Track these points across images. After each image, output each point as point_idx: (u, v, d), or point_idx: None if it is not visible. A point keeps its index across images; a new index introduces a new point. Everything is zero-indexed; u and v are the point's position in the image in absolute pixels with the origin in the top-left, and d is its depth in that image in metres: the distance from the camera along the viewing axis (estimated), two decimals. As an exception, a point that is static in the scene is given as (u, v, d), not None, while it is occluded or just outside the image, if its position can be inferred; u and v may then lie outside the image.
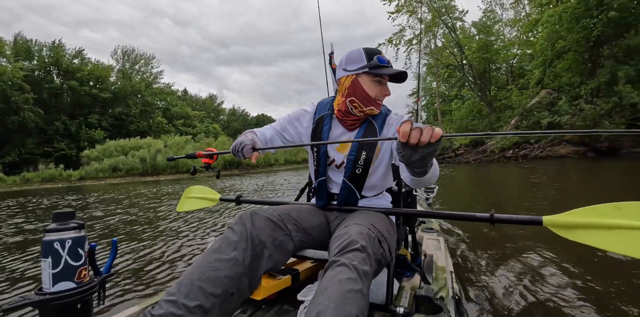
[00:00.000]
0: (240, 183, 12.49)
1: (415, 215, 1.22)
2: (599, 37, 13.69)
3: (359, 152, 1.18)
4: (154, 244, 3.46)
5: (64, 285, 0.83)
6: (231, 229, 0.93)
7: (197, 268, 0.82)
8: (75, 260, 0.85)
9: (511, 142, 14.72)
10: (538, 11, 17.87)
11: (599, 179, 7.07)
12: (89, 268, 0.91)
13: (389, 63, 1.16)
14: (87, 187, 16.87)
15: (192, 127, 39.80)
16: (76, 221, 0.90)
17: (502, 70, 24.54)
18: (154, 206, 6.78)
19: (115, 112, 33.93)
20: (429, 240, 1.94)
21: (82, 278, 0.87)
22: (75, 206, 7.62)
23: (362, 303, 0.73)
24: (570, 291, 1.90)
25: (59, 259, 0.83)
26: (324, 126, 1.25)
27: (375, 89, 1.16)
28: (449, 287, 1.28)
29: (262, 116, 59.87)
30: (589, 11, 13.57)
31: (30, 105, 26.76)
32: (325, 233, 1.18)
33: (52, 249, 0.83)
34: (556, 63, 16.07)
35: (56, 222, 0.87)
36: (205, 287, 0.78)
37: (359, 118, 1.21)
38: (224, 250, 0.86)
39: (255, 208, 1.03)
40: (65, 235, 0.85)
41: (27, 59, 29.70)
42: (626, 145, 12.33)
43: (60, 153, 28.10)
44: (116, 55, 38.09)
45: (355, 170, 1.19)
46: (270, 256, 0.93)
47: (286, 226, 1.02)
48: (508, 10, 25.84)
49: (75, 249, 0.86)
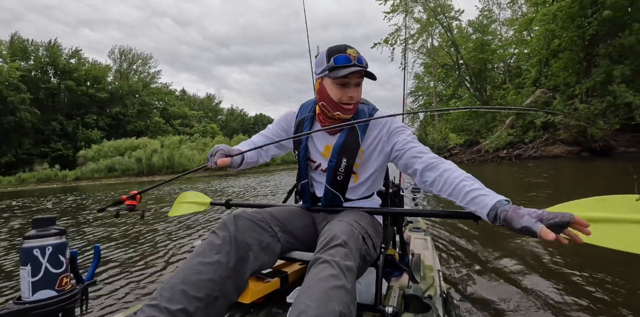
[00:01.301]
0: (234, 184, 12.46)
1: (402, 214, 1.22)
2: (594, 37, 13.61)
3: (340, 158, 1.13)
4: (140, 248, 3.38)
5: (44, 293, 0.81)
6: (215, 234, 0.92)
7: (179, 272, 0.81)
8: (56, 267, 0.83)
9: (505, 142, 14.67)
10: (533, 10, 17.79)
11: (591, 179, 7.03)
12: (70, 275, 0.89)
13: (353, 60, 1.04)
14: (82, 187, 16.85)
15: (190, 127, 39.78)
16: (57, 227, 0.88)
17: (500, 70, 24.47)
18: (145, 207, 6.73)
19: (112, 112, 33.93)
20: (417, 239, 1.95)
21: (63, 286, 0.85)
22: (58, 210, 7.58)
23: (345, 299, 0.73)
24: (556, 286, 1.92)
25: (39, 266, 0.81)
26: (304, 129, 1.22)
27: (337, 92, 1.08)
28: (437, 286, 1.30)
29: (261, 116, 59.78)
30: (583, 10, 13.50)
31: (26, 106, 26.74)
32: (312, 234, 1.18)
33: (31, 256, 0.80)
34: (552, 62, 16.00)
35: (36, 229, 0.84)
36: (188, 291, 0.76)
37: (336, 122, 1.15)
38: (207, 254, 0.85)
39: (239, 211, 1.02)
40: (46, 241, 0.83)
41: (24, 59, 29.69)
42: (620, 145, 12.27)
43: (57, 153, 28.09)
44: (113, 55, 38.08)
45: (336, 177, 1.15)
46: (256, 258, 0.93)
47: (272, 228, 1.01)
48: (505, 10, 25.78)
49: (56, 256, 0.84)
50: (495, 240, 2.92)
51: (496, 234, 3.05)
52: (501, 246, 2.73)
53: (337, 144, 1.14)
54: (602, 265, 2.20)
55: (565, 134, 13.22)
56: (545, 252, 2.49)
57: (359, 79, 1.09)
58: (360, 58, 1.07)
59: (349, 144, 1.13)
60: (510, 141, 14.63)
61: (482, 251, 2.66)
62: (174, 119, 39.18)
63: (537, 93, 15.48)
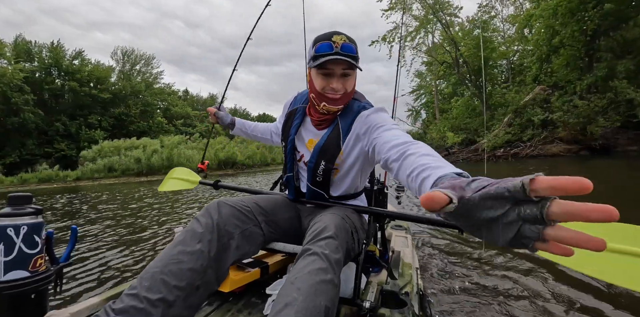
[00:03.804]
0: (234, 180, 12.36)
1: (388, 216, 1.22)
2: (595, 31, 13.19)
3: (319, 160, 1.09)
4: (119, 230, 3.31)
5: (16, 274, 0.79)
6: (197, 220, 0.90)
7: (159, 261, 0.79)
8: (30, 248, 0.81)
9: (503, 141, 14.33)
10: (534, 6, 17.35)
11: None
12: (45, 256, 0.86)
13: (337, 47, 0.95)
14: (82, 187, 16.98)
15: (193, 126, 39.99)
16: (33, 206, 0.84)
17: (502, 67, 24.01)
18: (134, 198, 6.68)
19: (115, 112, 34.26)
20: (398, 237, 1.97)
21: (37, 267, 0.82)
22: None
23: (332, 293, 0.73)
24: (533, 284, 1.95)
25: (12, 246, 0.78)
26: (294, 120, 1.18)
27: (321, 82, 1.02)
28: (414, 283, 1.33)
29: (264, 115, 59.90)
30: (584, 4, 13.07)
31: (30, 107, 27.15)
32: (296, 227, 1.17)
33: (4, 235, 0.77)
34: (553, 59, 15.57)
35: (11, 207, 0.81)
36: (169, 280, 0.75)
37: (325, 117, 1.10)
38: (188, 242, 0.84)
39: (223, 199, 1.01)
40: (20, 220, 0.79)
41: (29, 61, 30.15)
42: (621, 143, 11.85)
43: (60, 154, 28.46)
44: (116, 56, 38.45)
45: (315, 178, 1.12)
46: (238, 247, 0.91)
47: (255, 217, 1.00)
48: (508, 7, 25.26)
49: (31, 236, 0.81)
50: (475, 240, 2.93)
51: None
52: (481, 247, 2.75)
53: (318, 145, 1.10)
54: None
55: (564, 133, 12.84)
56: (526, 254, 2.46)
57: (346, 69, 1.00)
58: (346, 46, 0.97)
59: (329, 146, 1.08)
60: (508, 140, 14.29)
61: (460, 250, 2.69)
62: (177, 119, 39.43)
63: (536, 90, 15.10)
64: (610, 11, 12.47)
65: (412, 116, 35.63)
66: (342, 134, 1.07)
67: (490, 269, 2.23)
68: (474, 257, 2.52)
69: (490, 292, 1.89)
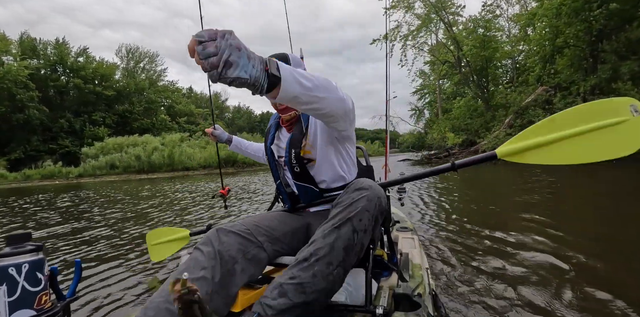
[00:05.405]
0: (235, 181, 12.38)
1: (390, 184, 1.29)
2: (600, 32, 12.90)
3: (290, 150, 1.17)
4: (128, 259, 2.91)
5: (22, 313, 0.78)
6: (199, 250, 0.91)
7: (163, 291, 0.79)
8: (33, 285, 0.80)
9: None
10: (538, 5, 17.05)
11: (592, 179, 6.64)
12: (50, 293, 0.85)
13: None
14: (84, 185, 17.14)
15: (196, 124, 40.17)
16: (33, 242, 0.84)
17: (507, 68, 23.68)
18: (135, 207, 6.70)
19: (119, 109, 34.53)
20: (404, 239, 1.98)
21: (42, 304, 0.81)
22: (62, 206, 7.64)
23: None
24: (547, 283, 1.91)
25: (15, 285, 0.77)
26: (270, 135, 1.31)
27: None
28: (426, 284, 1.32)
29: (268, 114, 59.97)
30: (588, 4, 12.79)
31: (35, 103, 27.46)
32: (301, 238, 1.16)
33: (6, 275, 0.77)
34: (557, 59, 15.29)
35: (10, 246, 0.81)
36: (174, 309, 0.74)
37: (291, 121, 1.24)
38: (191, 270, 0.84)
39: (223, 225, 1.02)
40: (21, 259, 0.79)
41: (35, 58, 30.46)
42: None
43: (64, 150, 28.80)
44: (120, 53, 38.69)
45: (293, 169, 1.17)
46: (243, 270, 0.92)
47: (257, 239, 1.00)
48: (514, 6, 24.87)
49: (34, 273, 0.80)
50: (482, 237, 2.92)
51: (483, 231, 3.09)
52: (488, 243, 2.73)
53: (288, 140, 1.20)
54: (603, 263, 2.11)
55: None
56: (536, 249, 2.44)
57: None
58: None
59: (296, 136, 1.18)
60: (508, 141, 14.09)
61: (469, 248, 2.67)
62: (180, 117, 39.63)
63: (538, 91, 14.87)
64: (615, 11, 12.19)
65: (415, 115, 35.33)
66: (303, 122, 1.19)
67: (502, 267, 2.22)
68: (481, 253, 2.51)
69: (501, 289, 1.88)
